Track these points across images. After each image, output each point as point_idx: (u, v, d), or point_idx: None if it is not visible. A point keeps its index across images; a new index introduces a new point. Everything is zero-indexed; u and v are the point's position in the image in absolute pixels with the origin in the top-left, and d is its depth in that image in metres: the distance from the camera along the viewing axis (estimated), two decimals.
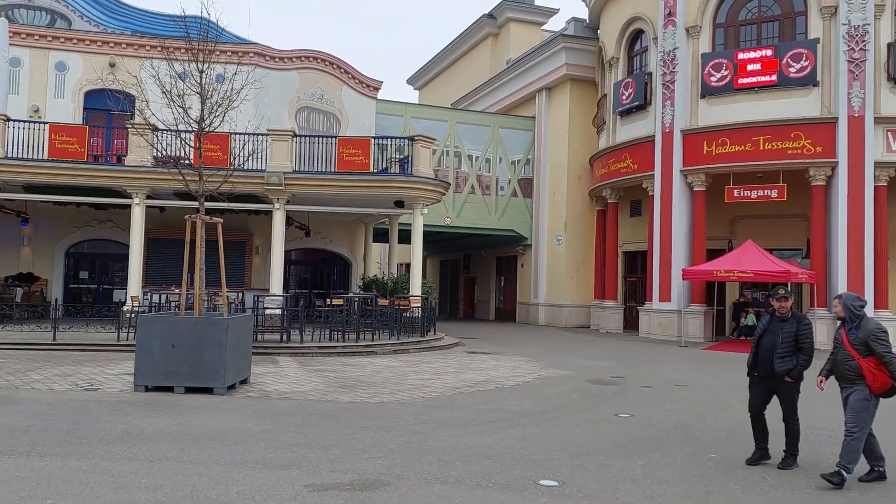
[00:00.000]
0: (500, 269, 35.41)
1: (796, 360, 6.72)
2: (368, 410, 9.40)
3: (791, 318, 6.83)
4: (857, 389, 6.26)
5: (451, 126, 30.08)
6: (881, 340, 6.17)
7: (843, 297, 6.56)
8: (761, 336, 6.94)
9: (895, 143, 20.57)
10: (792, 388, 6.80)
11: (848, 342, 6.31)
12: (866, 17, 20.56)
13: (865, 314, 6.39)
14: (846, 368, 6.33)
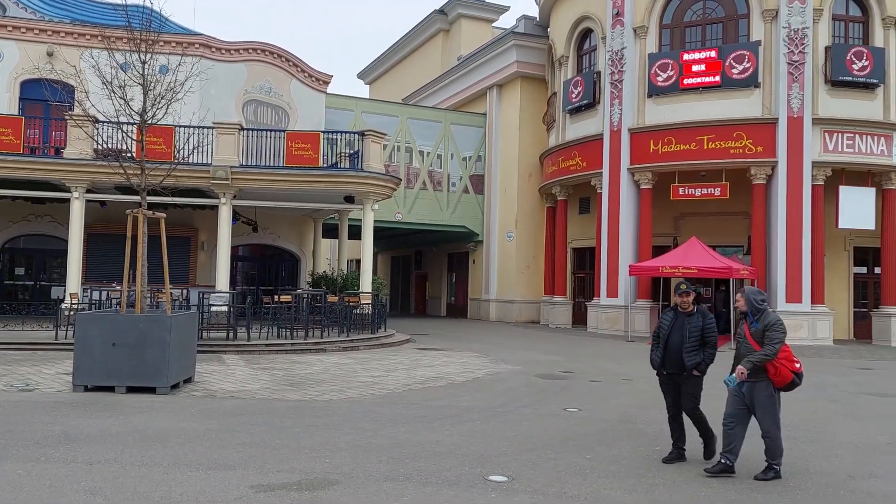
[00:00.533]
0: (451, 265, 35.47)
1: (703, 354, 6.74)
2: (317, 409, 9.28)
3: (696, 312, 6.84)
4: (760, 385, 6.32)
5: (403, 121, 29.97)
6: (776, 331, 6.24)
7: (745, 291, 6.60)
8: (669, 333, 6.89)
9: (832, 144, 21.31)
10: (698, 382, 6.85)
11: (750, 335, 6.38)
12: (805, 21, 21.23)
13: (766, 308, 6.46)
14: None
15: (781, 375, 6.28)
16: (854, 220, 21.52)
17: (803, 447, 7.70)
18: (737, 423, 6.41)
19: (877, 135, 21.46)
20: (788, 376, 6.31)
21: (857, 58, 21.28)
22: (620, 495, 5.82)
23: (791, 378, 6.32)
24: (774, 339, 6.22)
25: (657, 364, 6.99)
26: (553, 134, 27.52)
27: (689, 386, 6.84)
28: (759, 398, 6.33)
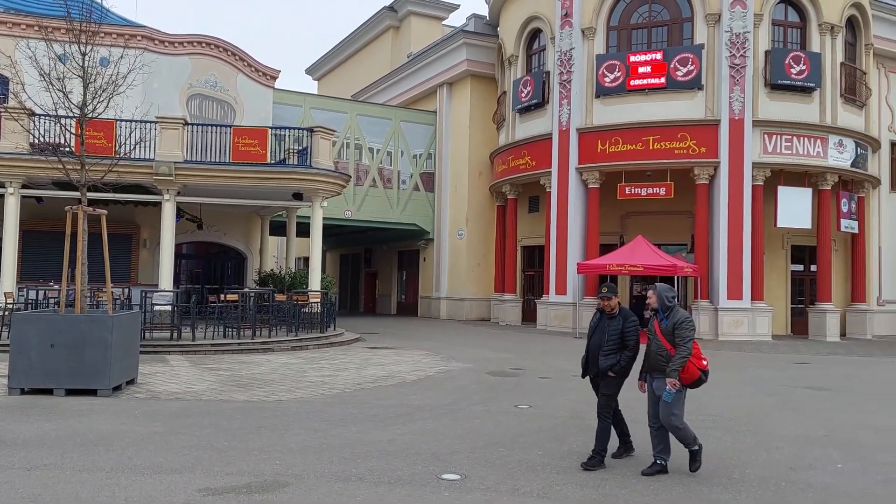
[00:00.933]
0: (401, 263, 35.36)
1: (620, 356, 6.62)
2: (266, 409, 9.12)
3: (618, 315, 6.75)
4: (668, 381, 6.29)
5: (352, 118, 29.72)
6: (685, 327, 6.28)
7: (657, 288, 6.61)
8: (591, 335, 6.89)
9: (771, 145, 22.00)
10: (612, 383, 6.69)
11: (661, 332, 6.39)
12: (746, 26, 21.85)
13: (676, 306, 6.49)
14: (659, 358, 6.38)
15: (689, 373, 6.27)
16: (791, 219, 22.26)
17: (746, 440, 7.93)
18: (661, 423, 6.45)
19: (813, 137, 22.24)
20: (696, 374, 6.30)
21: (795, 62, 22.02)
22: (572, 490, 5.89)
23: (698, 375, 6.32)
24: (686, 338, 6.25)
25: (582, 365, 6.99)
26: (503, 133, 27.68)
27: (604, 386, 6.72)
28: (667, 393, 6.33)
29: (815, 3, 22.57)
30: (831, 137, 22.43)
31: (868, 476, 6.53)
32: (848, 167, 22.87)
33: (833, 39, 22.83)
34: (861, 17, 24.10)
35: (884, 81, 26.49)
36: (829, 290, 22.83)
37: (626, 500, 5.68)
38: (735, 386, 12.25)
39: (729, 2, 21.94)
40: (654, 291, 6.58)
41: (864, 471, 6.70)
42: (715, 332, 21.41)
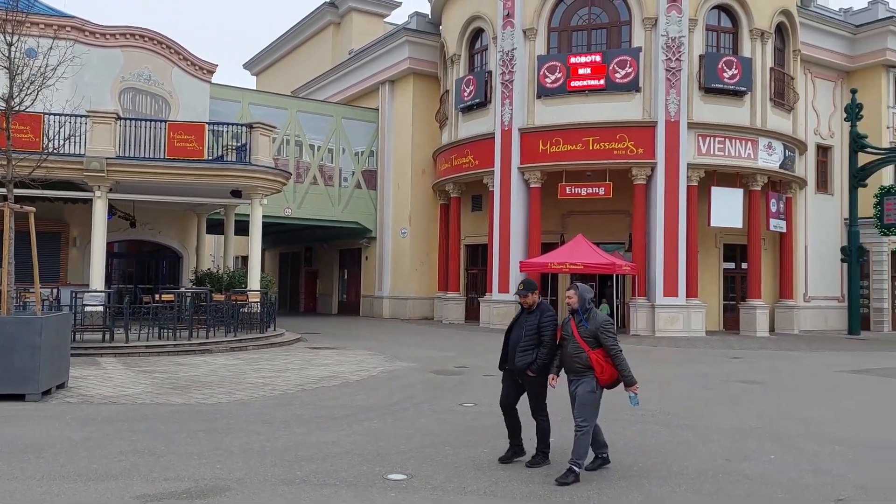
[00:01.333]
0: (343, 261, 35.03)
1: (537, 353, 6.40)
2: (204, 412, 8.88)
3: (536, 310, 6.56)
4: (585, 381, 6.16)
5: (292, 114, 29.26)
6: (609, 332, 6.15)
7: (578, 288, 6.38)
8: (510, 330, 6.71)
9: (705, 147, 22.68)
10: (536, 383, 6.53)
11: (578, 334, 6.19)
12: (682, 31, 22.47)
13: (594, 307, 6.36)
14: (576, 361, 6.19)
15: (608, 374, 6.18)
16: (724, 218, 23.00)
17: (683, 433, 8.13)
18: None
19: (744, 139, 23.04)
20: (614, 374, 6.21)
21: (727, 66, 22.75)
22: (518, 486, 5.92)
23: (617, 376, 6.23)
24: (614, 341, 6.14)
25: (500, 359, 6.80)
26: (446, 131, 27.72)
27: (529, 386, 6.54)
28: (581, 394, 6.17)
29: (746, 9, 23.37)
30: (761, 140, 23.28)
31: (799, 466, 6.77)
32: (777, 169, 23.77)
33: (763, 45, 23.69)
34: (789, 24, 25.08)
35: (810, 86, 27.67)
36: (759, 288, 23.69)
37: (570, 494, 5.74)
38: (672, 381, 12.57)
39: (665, 6, 22.51)
40: (574, 291, 6.34)
41: (795, 461, 6.95)
42: (652, 328, 21.96)
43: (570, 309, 6.34)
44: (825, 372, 14.40)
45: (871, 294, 27.76)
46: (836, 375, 13.89)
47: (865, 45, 28.10)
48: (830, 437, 8.02)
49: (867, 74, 28.26)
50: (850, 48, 28.38)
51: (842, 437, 8.05)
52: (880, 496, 5.87)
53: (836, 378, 13.51)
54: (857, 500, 5.77)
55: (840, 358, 17.43)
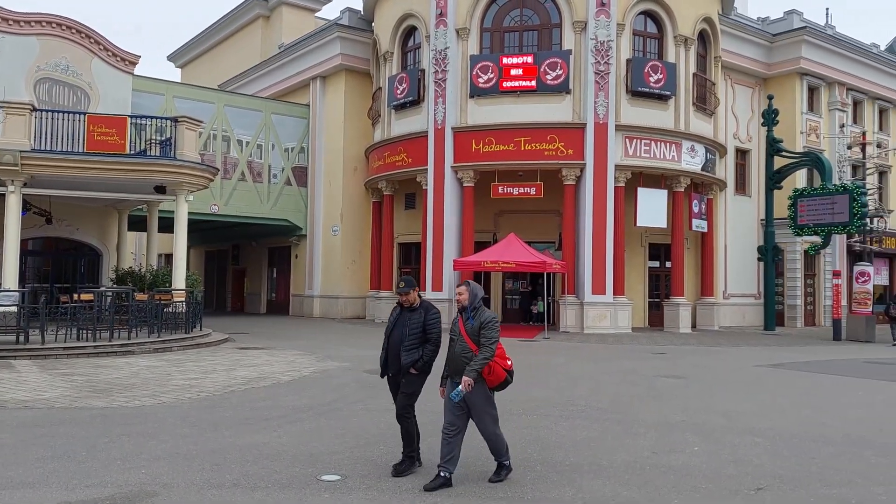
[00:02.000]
0: (272, 260, 34.36)
1: (423, 350, 6.17)
2: (128, 416, 8.55)
3: (419, 307, 6.29)
4: (475, 387, 5.87)
5: (219, 108, 28.51)
6: (491, 328, 5.88)
7: (470, 285, 6.10)
8: (391, 330, 6.36)
9: (631, 149, 23.30)
10: (415, 381, 6.24)
11: (465, 332, 5.95)
12: (610, 35, 23.01)
13: (482, 304, 6.10)
14: (463, 360, 5.89)
15: (495, 374, 5.96)
16: (649, 218, 23.71)
17: (613, 428, 8.33)
18: (458, 430, 5.96)
19: (668, 142, 23.79)
20: (502, 375, 6.01)
21: (653, 71, 23.44)
22: (456, 483, 5.92)
23: (504, 377, 6.03)
24: (491, 339, 5.87)
25: (381, 364, 6.42)
26: (378, 129, 27.55)
27: (406, 384, 6.25)
28: (475, 400, 5.94)
29: (671, 16, 24.13)
30: (685, 143, 24.09)
31: (721, 457, 7.04)
32: (699, 171, 24.65)
33: (686, 51, 24.52)
34: (711, 32, 26.04)
35: (730, 92, 28.82)
36: (682, 285, 24.53)
37: (505, 490, 5.79)
38: (601, 376, 12.86)
39: (594, 11, 23.01)
40: (466, 287, 6.06)
41: (717, 452, 7.22)
42: (581, 325, 22.43)
43: (459, 306, 6.08)
44: (744, 366, 15.02)
45: (785, 291, 29.14)
46: (754, 370, 14.51)
47: (781, 54, 29.48)
48: (749, 429, 8.37)
49: (783, 81, 29.65)
50: (767, 56, 29.71)
51: (760, 429, 8.41)
52: (796, 484, 6.15)
53: (753, 372, 14.11)
54: (775, 488, 6.03)
55: (757, 353, 18.23)
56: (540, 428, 8.18)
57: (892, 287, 33.99)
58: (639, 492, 5.85)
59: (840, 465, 6.79)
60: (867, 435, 8.20)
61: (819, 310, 30.04)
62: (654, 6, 24.03)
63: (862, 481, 6.27)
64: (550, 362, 14.92)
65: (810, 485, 6.15)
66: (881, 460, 7.01)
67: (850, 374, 14.12)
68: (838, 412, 9.72)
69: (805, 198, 24.88)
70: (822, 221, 24.16)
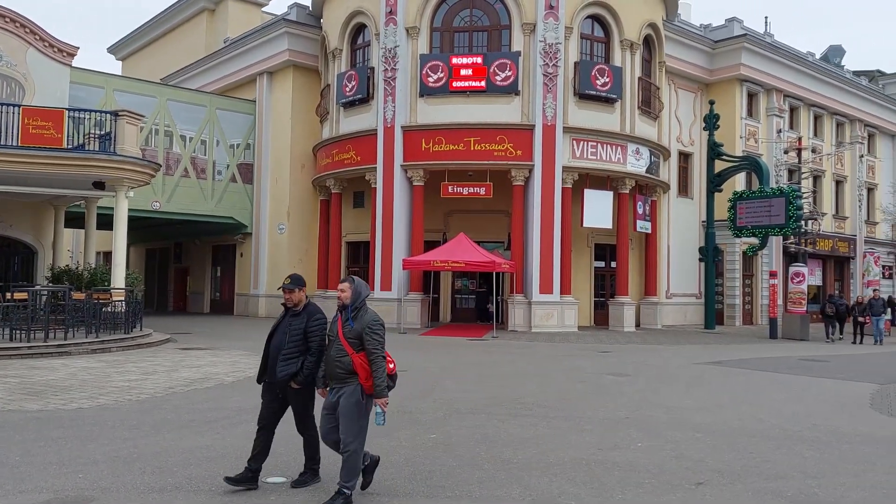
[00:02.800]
0: (216, 258, 33.67)
1: (303, 361, 5.58)
2: (64, 419, 8.25)
3: (303, 311, 5.73)
4: (348, 390, 5.37)
5: (162, 103, 27.78)
6: (376, 333, 5.38)
7: (355, 281, 5.57)
8: (272, 335, 5.81)
9: (578, 151, 23.64)
10: (302, 395, 5.70)
11: (343, 335, 5.40)
12: (558, 37, 23.30)
13: (366, 305, 5.57)
14: (338, 366, 5.39)
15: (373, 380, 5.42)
16: (595, 219, 24.10)
17: (559, 425, 8.44)
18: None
19: (614, 144, 24.22)
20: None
21: (600, 74, 23.83)
22: (400, 484, 5.92)
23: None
24: (378, 344, 5.37)
25: (259, 371, 5.89)
26: (327, 126, 27.26)
27: (295, 402, 5.71)
28: (346, 405, 5.36)
29: (617, 20, 24.57)
30: (630, 145, 24.56)
31: (663, 452, 7.20)
32: (644, 173, 25.17)
33: (632, 56, 25.01)
34: (656, 37, 26.62)
35: (674, 97, 29.53)
36: (627, 285, 25.02)
37: (452, 491, 5.79)
38: (548, 375, 13.02)
39: (543, 13, 23.26)
40: (349, 284, 5.51)
41: (660, 448, 7.38)
42: (529, 324, 22.66)
43: (340, 305, 5.51)
44: (685, 364, 15.41)
45: (724, 291, 30.01)
46: (695, 367, 14.90)
47: (722, 60, 30.35)
48: (690, 425, 8.59)
49: (724, 87, 30.53)
50: (709, 62, 30.55)
51: (700, 425, 8.64)
52: (734, 478, 6.34)
53: (694, 370, 14.49)
54: (715, 482, 6.20)
55: (698, 351, 18.74)
56: (488, 426, 8.22)
57: (826, 287, 35.39)
58: (585, 488, 5.94)
59: (776, 459, 7.02)
60: (801, 430, 8.50)
61: (756, 309, 31.05)
62: (601, 10, 24.43)
63: (797, 474, 6.50)
64: (498, 361, 15.03)
65: (748, 478, 6.34)
66: (814, 454, 7.29)
67: (785, 371, 14.63)
68: (774, 408, 10.05)
69: (744, 200, 25.66)
70: (759, 223, 24.96)
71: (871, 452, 7.41)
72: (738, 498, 5.79)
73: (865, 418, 9.46)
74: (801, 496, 5.85)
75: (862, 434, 8.36)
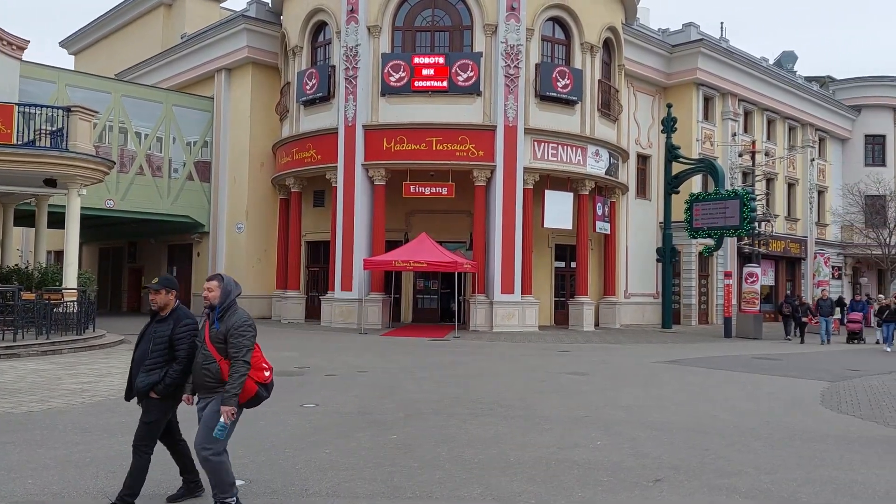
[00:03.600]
0: (172, 258, 33.05)
1: (166, 371, 5.05)
2: (13, 423, 8.00)
3: (170, 317, 5.18)
4: (215, 399, 4.92)
5: (116, 99, 27.14)
6: (242, 335, 4.88)
7: (224, 279, 5.08)
8: (138, 343, 5.31)
9: (539, 152, 23.82)
10: (155, 408, 5.11)
11: (209, 339, 4.93)
12: (520, 39, 23.43)
13: (237, 304, 5.08)
14: (206, 374, 4.91)
15: (244, 388, 4.91)
16: (556, 220, 24.32)
17: (520, 424, 8.48)
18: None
19: (574, 146, 24.47)
20: (251, 389, 4.97)
21: (560, 76, 24.05)
22: (361, 486, 5.88)
23: (255, 390, 5.01)
24: (243, 347, 4.84)
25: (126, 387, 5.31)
26: (287, 124, 26.96)
27: (145, 411, 5.14)
28: (211, 413, 4.95)
29: (578, 23, 24.83)
30: (590, 147, 24.84)
31: (622, 450, 7.29)
32: (603, 175, 25.49)
33: (592, 58, 25.30)
34: (615, 40, 26.97)
35: (633, 99, 29.97)
36: (586, 285, 25.31)
37: (413, 490, 5.78)
38: (509, 374, 13.08)
39: (504, 15, 23.37)
40: (217, 282, 5.02)
41: (618, 446, 7.47)
42: (490, 323, 22.75)
43: (207, 306, 5.01)
44: (643, 363, 15.64)
45: (681, 291, 30.57)
46: (653, 366, 15.14)
47: (680, 64, 30.92)
48: (648, 423, 8.71)
49: (681, 91, 31.10)
50: (666, 66, 31.09)
51: (658, 422, 8.77)
52: (691, 475, 6.44)
53: (652, 368, 14.72)
54: (672, 479, 6.29)
55: (655, 350, 19.04)
56: (449, 427, 8.22)
57: (778, 287, 36.33)
58: (545, 487, 5.97)
59: (731, 456, 7.16)
60: (755, 426, 8.70)
61: (712, 308, 31.70)
62: (562, 13, 24.66)
63: (751, 471, 6.64)
64: (460, 361, 15.04)
65: (704, 475, 6.45)
66: (768, 450, 7.45)
67: (739, 369, 14.96)
68: (729, 405, 10.26)
69: (700, 202, 26.15)
70: (715, 225, 25.47)
71: (821, 448, 7.61)
72: (693, 494, 5.88)
73: (816, 415, 9.72)
74: (754, 491, 5.98)
75: (813, 430, 8.58)
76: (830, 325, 23.71)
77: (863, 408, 10.34)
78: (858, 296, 34.05)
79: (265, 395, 5.09)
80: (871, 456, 7.33)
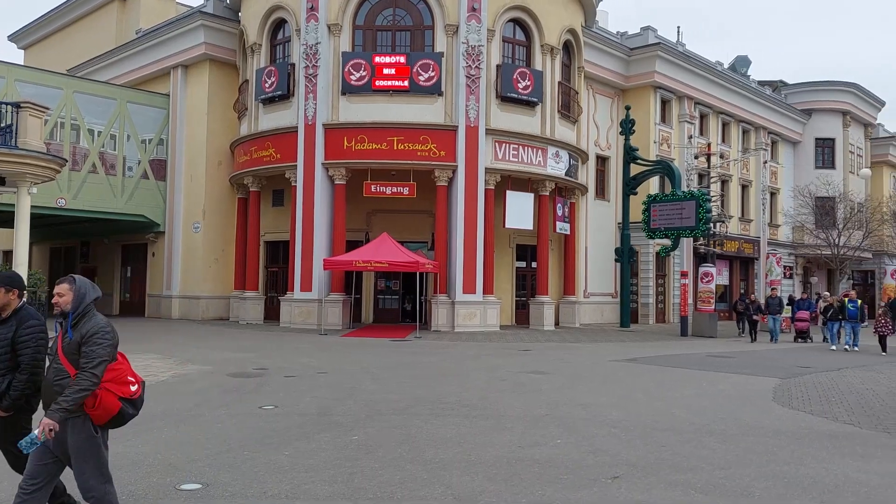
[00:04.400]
0: (126, 258, 32.32)
1: (10, 381, 4.52)
2: None
3: (12, 318, 4.61)
4: (74, 424, 4.17)
5: (68, 95, 26.43)
6: (98, 344, 4.18)
7: (76, 281, 4.36)
8: None
9: (501, 153, 23.94)
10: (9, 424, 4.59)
11: (62, 350, 4.25)
12: (481, 40, 23.52)
13: (93, 310, 4.37)
14: (58, 392, 4.14)
15: (104, 407, 4.19)
16: (517, 220, 24.46)
17: (481, 423, 8.50)
18: (44, 482, 4.23)
19: (535, 147, 24.65)
20: (114, 406, 4.23)
21: (521, 77, 24.21)
22: (321, 487, 5.83)
23: (119, 408, 4.25)
24: (95, 357, 4.13)
25: None
26: (245, 122, 26.59)
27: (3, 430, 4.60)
28: (75, 442, 4.20)
29: (538, 25, 25.02)
30: (550, 148, 25.05)
31: (581, 448, 7.37)
32: (563, 176, 25.73)
33: (552, 60, 25.52)
34: (575, 43, 27.26)
35: (592, 101, 30.33)
36: (547, 285, 25.52)
37: (374, 492, 5.75)
38: (471, 374, 13.11)
39: (465, 15, 23.42)
40: (69, 285, 4.32)
41: (577, 444, 7.55)
42: (452, 323, 22.77)
43: (58, 313, 4.33)
44: (601, 361, 15.84)
45: (639, 290, 31.05)
46: (611, 364, 15.34)
47: (638, 67, 31.40)
48: (607, 421, 8.82)
49: (639, 93, 31.59)
50: (625, 69, 31.54)
51: (616, 420, 8.89)
52: (648, 471, 6.54)
53: (610, 367, 14.91)
54: (629, 476, 6.38)
55: (613, 349, 19.29)
56: (410, 427, 8.20)
57: (732, 286, 37.15)
58: (505, 485, 6.00)
59: (687, 452, 7.29)
60: (710, 423, 8.87)
61: (669, 308, 32.27)
62: (522, 14, 24.82)
63: (706, 466, 6.77)
64: (421, 361, 15.02)
65: (661, 471, 6.56)
66: (722, 446, 7.61)
67: (695, 367, 15.25)
68: (685, 403, 10.45)
69: (657, 203, 26.60)
70: (672, 225, 25.93)
71: (774, 444, 7.80)
72: (650, 490, 5.98)
73: (769, 411, 9.96)
74: (709, 487, 6.10)
75: (765, 427, 8.79)
76: (779, 323, 24.32)
77: (813, 404, 10.64)
78: (805, 294, 35.04)
79: (132, 412, 4.37)
80: (820, 451, 7.55)
